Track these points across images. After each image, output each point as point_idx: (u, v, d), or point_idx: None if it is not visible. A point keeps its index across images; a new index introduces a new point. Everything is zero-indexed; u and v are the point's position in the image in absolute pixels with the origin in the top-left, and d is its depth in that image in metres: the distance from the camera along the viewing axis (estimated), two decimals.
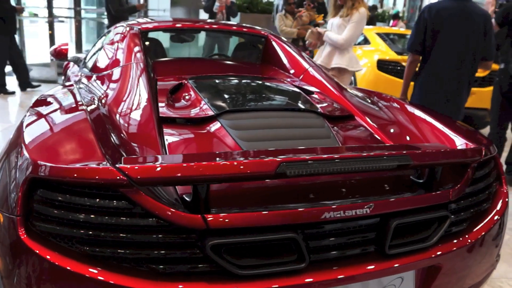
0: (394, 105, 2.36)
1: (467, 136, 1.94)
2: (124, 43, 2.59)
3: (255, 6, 8.86)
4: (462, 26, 3.22)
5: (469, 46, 3.27)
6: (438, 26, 3.25)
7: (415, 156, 1.45)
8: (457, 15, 3.22)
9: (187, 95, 2.09)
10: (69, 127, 1.69)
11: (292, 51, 2.92)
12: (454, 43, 3.24)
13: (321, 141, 1.78)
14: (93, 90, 2.24)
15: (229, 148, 1.66)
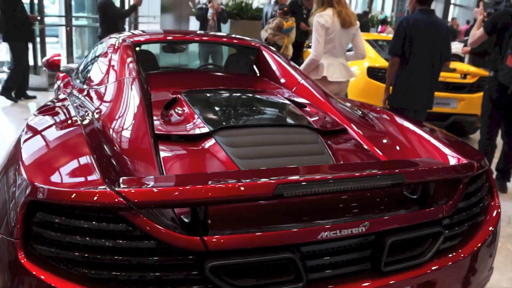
0: (384, 117, 2.40)
1: (458, 149, 1.96)
2: (117, 56, 2.59)
3: (245, 12, 8.89)
4: (431, 34, 3.96)
5: (437, 50, 4.02)
6: (414, 34, 3.95)
7: (409, 175, 1.48)
8: (428, 25, 3.96)
9: (182, 110, 2.10)
10: (66, 145, 1.70)
11: (284, 63, 2.94)
12: (426, 48, 3.96)
13: (315, 158, 1.80)
14: (87, 105, 2.24)
15: (225, 166, 1.67)
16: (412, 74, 4.02)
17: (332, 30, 3.75)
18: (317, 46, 3.72)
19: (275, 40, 7.02)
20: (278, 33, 6.99)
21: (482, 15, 4.34)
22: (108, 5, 6.88)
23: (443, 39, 4.02)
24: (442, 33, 4.02)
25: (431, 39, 3.96)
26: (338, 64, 3.90)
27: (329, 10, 3.76)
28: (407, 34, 3.94)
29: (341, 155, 1.90)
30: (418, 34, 3.93)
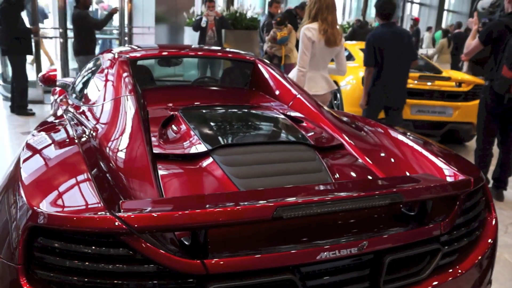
0: (379, 130, 2.42)
1: (454, 164, 1.98)
2: (113, 73, 2.59)
3: (239, 22, 8.91)
4: (396, 42, 4.59)
5: (402, 55, 4.63)
6: (382, 46, 4.56)
7: (406, 193, 1.49)
8: (391, 36, 4.60)
9: (179, 128, 2.11)
10: (65, 166, 1.70)
11: (280, 77, 2.95)
12: (394, 55, 4.58)
13: (313, 176, 1.81)
14: (85, 124, 2.24)
15: (224, 186, 1.68)
16: (387, 77, 4.64)
17: (317, 45, 3.83)
18: (303, 58, 3.81)
19: (273, 52, 7.05)
20: (274, 45, 7.03)
21: (476, 25, 4.37)
22: (83, 17, 6.67)
23: (406, 44, 4.66)
24: (405, 39, 4.66)
25: (396, 46, 4.60)
26: (319, 77, 4.00)
27: (315, 24, 3.84)
28: (375, 47, 4.58)
29: (338, 172, 1.91)
30: (386, 45, 4.57)
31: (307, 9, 3.91)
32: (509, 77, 3.80)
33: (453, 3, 27.52)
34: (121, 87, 2.39)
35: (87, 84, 2.87)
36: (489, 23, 4.23)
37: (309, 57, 3.80)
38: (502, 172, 4.31)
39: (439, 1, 24.31)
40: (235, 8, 9.17)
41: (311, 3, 3.87)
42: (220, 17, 7.90)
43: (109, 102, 2.29)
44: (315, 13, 3.84)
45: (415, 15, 23.05)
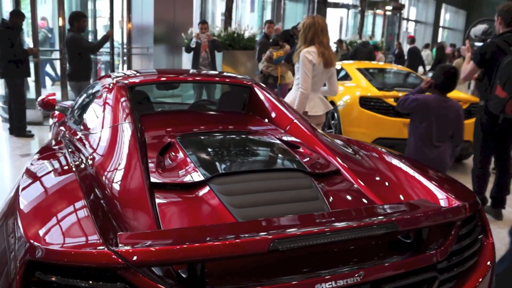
0: (374, 155, 2.45)
1: (449, 189, 2.00)
2: (112, 100, 2.62)
3: (237, 43, 9.00)
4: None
5: None
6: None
7: (401, 222, 1.51)
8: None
9: (177, 156, 2.13)
10: (63, 197, 1.73)
11: (276, 102, 2.98)
12: None
13: (309, 204, 1.83)
14: (83, 152, 2.26)
15: (221, 216, 1.69)
16: None
17: (317, 68, 3.93)
18: (306, 81, 3.87)
19: (269, 71, 7.12)
20: (270, 65, 7.10)
21: (469, 52, 4.42)
22: (76, 40, 6.40)
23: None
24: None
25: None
26: (317, 98, 4.10)
27: (313, 47, 3.92)
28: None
29: (335, 200, 1.93)
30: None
31: (302, 33, 3.98)
32: (503, 97, 3.84)
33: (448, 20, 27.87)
34: (118, 114, 2.41)
35: (85, 110, 2.90)
36: (481, 45, 4.28)
37: (311, 79, 3.87)
38: (500, 191, 4.32)
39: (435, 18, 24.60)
40: (233, 29, 9.27)
41: (306, 28, 3.95)
42: (212, 40, 7.95)
43: (107, 130, 2.32)
44: (311, 37, 3.92)
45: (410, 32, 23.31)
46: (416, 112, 3.64)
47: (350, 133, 5.85)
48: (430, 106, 3.51)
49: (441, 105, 3.53)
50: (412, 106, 3.61)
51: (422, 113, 3.58)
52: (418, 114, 3.62)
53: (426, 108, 3.55)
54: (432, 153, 3.58)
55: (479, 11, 27.06)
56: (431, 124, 3.52)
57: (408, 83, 6.80)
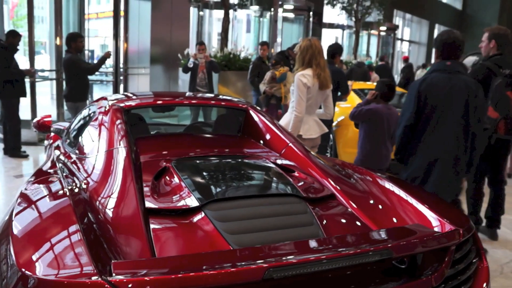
0: (368, 179, 2.46)
1: (443, 213, 2.01)
2: (107, 123, 2.63)
3: (233, 64, 9.07)
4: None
5: None
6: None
7: (395, 249, 1.51)
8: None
9: (172, 182, 2.13)
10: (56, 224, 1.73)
11: (271, 125, 3.00)
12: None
13: (304, 230, 1.83)
14: (78, 177, 2.26)
15: (216, 243, 1.69)
16: None
17: (312, 90, 3.93)
18: (301, 104, 3.89)
19: (272, 92, 7.14)
20: (274, 84, 7.11)
21: None
22: (74, 62, 6.32)
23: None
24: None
25: None
26: (312, 121, 4.09)
27: (309, 70, 3.94)
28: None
29: (330, 225, 1.93)
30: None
31: (299, 56, 4.00)
32: (494, 117, 3.88)
33: None
34: (114, 138, 2.42)
35: (81, 133, 2.90)
36: (472, 69, 4.32)
37: (305, 102, 3.89)
38: (494, 211, 4.33)
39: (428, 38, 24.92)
40: (229, 50, 9.34)
41: (304, 50, 3.97)
42: (210, 61, 8.01)
43: (102, 154, 2.32)
44: (309, 59, 3.94)
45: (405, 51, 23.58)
46: (369, 119, 4.26)
47: (345, 154, 5.87)
48: (381, 114, 4.18)
49: (387, 111, 4.24)
50: (367, 115, 4.24)
51: (376, 120, 4.21)
52: (371, 121, 4.25)
53: (378, 115, 4.20)
54: (384, 151, 4.27)
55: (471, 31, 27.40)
56: (383, 128, 4.17)
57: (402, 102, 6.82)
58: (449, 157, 3.25)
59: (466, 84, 3.21)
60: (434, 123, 3.22)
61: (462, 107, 3.19)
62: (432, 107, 3.21)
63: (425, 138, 3.25)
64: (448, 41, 3.26)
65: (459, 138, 3.23)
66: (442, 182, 3.25)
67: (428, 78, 3.29)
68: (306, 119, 3.98)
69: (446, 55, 3.28)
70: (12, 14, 17.31)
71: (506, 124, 3.87)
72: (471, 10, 28.45)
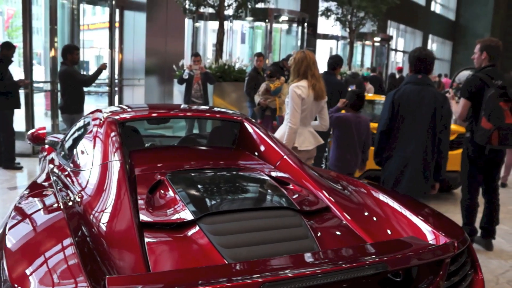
0: (362, 191, 2.47)
1: (438, 225, 2.01)
2: (102, 136, 2.62)
3: (227, 75, 9.08)
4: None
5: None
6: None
7: (390, 262, 1.51)
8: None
9: (167, 195, 2.12)
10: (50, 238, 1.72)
11: (266, 138, 3.00)
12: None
13: (299, 243, 1.83)
14: (72, 190, 2.26)
15: (211, 257, 1.69)
16: None
17: (306, 101, 3.91)
18: (295, 115, 3.87)
19: (267, 103, 7.15)
20: (268, 96, 7.13)
21: (454, 99, 4.49)
22: (70, 74, 6.31)
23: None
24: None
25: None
26: (307, 132, 4.08)
27: (304, 81, 3.93)
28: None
29: (325, 238, 1.93)
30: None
31: (294, 67, 4.00)
32: (488, 128, 3.90)
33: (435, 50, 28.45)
34: (108, 151, 2.41)
35: (75, 145, 2.89)
36: (465, 80, 4.35)
37: (300, 113, 3.88)
38: (489, 221, 4.34)
39: None
40: (224, 61, 9.37)
41: (299, 61, 3.97)
42: (205, 72, 8.02)
43: (96, 168, 2.31)
44: (304, 70, 3.94)
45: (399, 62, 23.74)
46: (339, 127, 4.47)
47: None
48: (350, 121, 4.38)
49: (356, 120, 4.44)
50: (336, 122, 4.44)
51: (344, 127, 4.43)
52: (341, 128, 4.46)
53: (347, 123, 4.43)
54: (353, 158, 4.47)
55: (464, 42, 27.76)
56: (352, 135, 4.35)
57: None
58: (418, 161, 3.60)
59: (434, 95, 3.60)
60: (406, 129, 3.60)
61: (430, 116, 3.56)
62: (404, 115, 3.59)
63: (398, 143, 3.64)
64: (420, 57, 3.66)
65: (427, 144, 3.58)
66: (413, 184, 3.63)
67: (401, 89, 3.67)
68: (301, 130, 3.98)
69: (418, 69, 3.67)
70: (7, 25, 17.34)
71: (499, 135, 3.89)
72: (464, 21, 28.75)
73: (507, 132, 3.88)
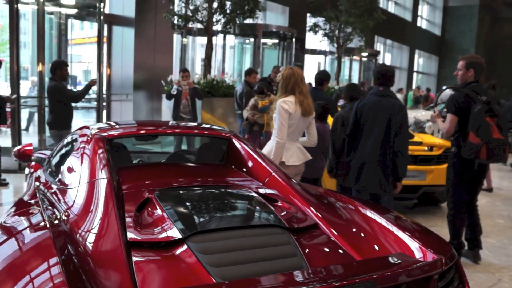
0: (350, 207, 2.48)
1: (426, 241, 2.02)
2: (89, 153, 2.60)
3: (216, 90, 9.10)
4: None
5: None
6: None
7: (379, 280, 1.52)
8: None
9: (154, 213, 2.11)
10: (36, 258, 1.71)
11: (254, 154, 3.00)
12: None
13: (288, 261, 1.82)
14: (59, 208, 2.23)
15: (199, 276, 1.67)
16: None
17: (293, 117, 3.94)
18: (282, 130, 3.90)
19: (255, 119, 7.17)
20: (256, 112, 7.16)
21: (439, 117, 4.52)
22: (59, 89, 6.22)
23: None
24: None
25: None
26: (295, 148, 4.10)
27: (291, 97, 3.96)
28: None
29: (313, 256, 1.93)
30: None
31: (282, 84, 4.03)
32: (476, 143, 3.95)
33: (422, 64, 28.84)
34: (96, 169, 2.39)
35: (62, 162, 2.87)
36: (451, 96, 4.38)
37: (287, 128, 3.90)
38: (473, 232, 4.42)
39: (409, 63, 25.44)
40: (212, 76, 9.39)
41: (287, 78, 4.01)
42: (193, 88, 8.03)
43: (84, 186, 2.29)
44: (292, 86, 3.98)
45: None
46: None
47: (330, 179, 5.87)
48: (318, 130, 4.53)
49: (322, 129, 4.77)
50: None
51: None
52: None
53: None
54: (320, 163, 4.90)
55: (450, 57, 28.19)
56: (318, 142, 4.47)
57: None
58: (373, 161, 4.16)
59: (392, 105, 4.13)
60: (365, 134, 4.18)
61: (386, 122, 4.10)
62: (365, 121, 4.17)
63: (359, 145, 4.22)
64: (382, 72, 4.25)
65: (382, 146, 4.13)
66: (369, 181, 4.21)
67: (365, 99, 4.26)
68: (288, 145, 4.00)
69: (381, 83, 4.24)
70: None
71: (488, 149, 3.94)
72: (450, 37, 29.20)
73: (494, 147, 3.93)
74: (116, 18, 10.49)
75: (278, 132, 3.90)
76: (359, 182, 4.24)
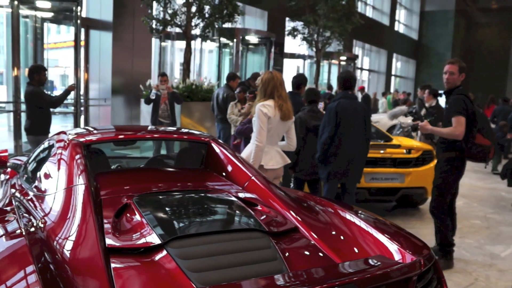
0: (329, 210, 2.49)
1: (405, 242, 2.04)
2: (66, 159, 2.56)
3: (195, 94, 9.07)
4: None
5: None
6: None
7: (359, 282, 1.53)
8: None
9: (133, 219, 2.08)
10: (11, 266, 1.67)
11: (233, 158, 3.00)
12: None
13: (268, 265, 1.83)
14: (35, 215, 2.19)
15: (179, 282, 1.66)
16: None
17: (273, 120, 3.95)
18: (261, 133, 3.90)
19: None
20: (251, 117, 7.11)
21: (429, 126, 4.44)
22: (37, 95, 6.07)
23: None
24: None
25: None
26: (274, 152, 4.10)
27: (270, 101, 3.97)
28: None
29: (293, 259, 1.93)
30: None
31: (261, 88, 4.03)
32: (487, 144, 4.07)
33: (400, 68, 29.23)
34: (73, 175, 2.36)
35: (39, 169, 2.82)
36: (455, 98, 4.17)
37: (266, 132, 3.91)
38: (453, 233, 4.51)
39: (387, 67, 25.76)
40: (191, 80, 9.36)
41: (266, 82, 4.01)
42: (172, 92, 7.98)
43: (61, 192, 2.26)
44: (271, 90, 3.98)
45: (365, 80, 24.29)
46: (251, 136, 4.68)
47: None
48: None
49: None
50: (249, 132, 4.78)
51: None
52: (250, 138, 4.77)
53: None
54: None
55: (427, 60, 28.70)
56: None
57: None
58: (360, 156, 4.66)
59: (362, 107, 4.78)
60: (347, 133, 4.56)
61: (361, 122, 4.64)
62: (344, 122, 4.54)
63: (342, 144, 4.56)
64: (347, 78, 4.77)
65: (363, 143, 4.66)
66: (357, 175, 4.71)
67: (340, 102, 4.63)
68: (267, 149, 4.00)
69: (347, 87, 4.76)
70: None
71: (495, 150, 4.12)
72: (427, 41, 29.71)
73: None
74: (94, 22, 10.38)
75: (257, 136, 3.90)
76: (347, 178, 4.64)
